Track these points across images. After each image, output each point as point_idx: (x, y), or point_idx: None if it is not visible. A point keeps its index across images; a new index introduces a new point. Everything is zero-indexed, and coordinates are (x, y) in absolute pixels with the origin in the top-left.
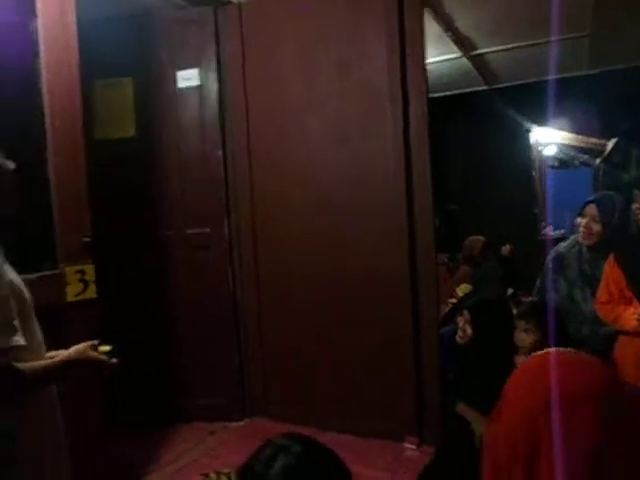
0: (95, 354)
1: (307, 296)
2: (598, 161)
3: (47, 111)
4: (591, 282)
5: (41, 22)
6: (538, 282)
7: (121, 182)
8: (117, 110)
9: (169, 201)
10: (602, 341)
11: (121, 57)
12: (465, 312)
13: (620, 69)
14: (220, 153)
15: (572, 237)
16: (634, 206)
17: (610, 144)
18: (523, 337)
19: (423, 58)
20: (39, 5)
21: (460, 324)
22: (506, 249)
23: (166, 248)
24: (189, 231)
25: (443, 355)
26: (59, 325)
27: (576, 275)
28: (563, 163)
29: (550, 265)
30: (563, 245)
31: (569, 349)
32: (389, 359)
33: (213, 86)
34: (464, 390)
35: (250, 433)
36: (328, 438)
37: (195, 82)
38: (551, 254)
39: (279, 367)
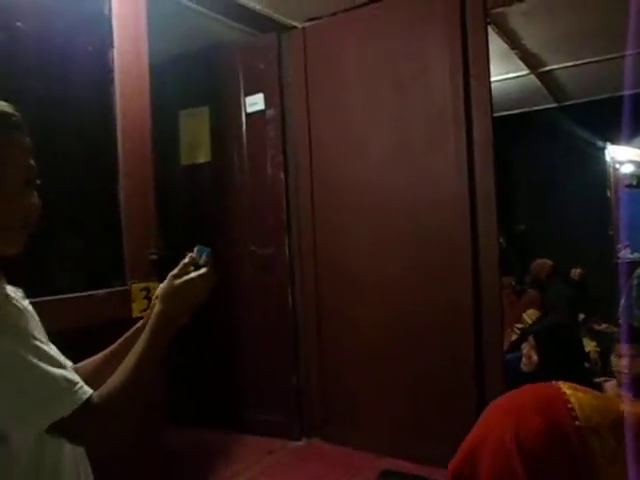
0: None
1: (367, 319)
2: None
3: (119, 134)
4: None
5: (117, 53)
6: (622, 300)
7: (199, 203)
8: (197, 137)
9: (237, 220)
10: None
11: (199, 88)
12: (530, 338)
13: None
14: (282, 175)
15: None
16: None
17: None
18: (616, 362)
19: (488, 76)
20: (116, 37)
21: (525, 350)
22: (575, 272)
23: (232, 266)
24: (254, 250)
25: (508, 383)
26: None
27: None
28: None
29: (635, 282)
30: None
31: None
32: (451, 385)
33: (277, 109)
34: None
35: (308, 455)
36: (384, 463)
37: (260, 106)
38: (637, 271)
39: (337, 388)
